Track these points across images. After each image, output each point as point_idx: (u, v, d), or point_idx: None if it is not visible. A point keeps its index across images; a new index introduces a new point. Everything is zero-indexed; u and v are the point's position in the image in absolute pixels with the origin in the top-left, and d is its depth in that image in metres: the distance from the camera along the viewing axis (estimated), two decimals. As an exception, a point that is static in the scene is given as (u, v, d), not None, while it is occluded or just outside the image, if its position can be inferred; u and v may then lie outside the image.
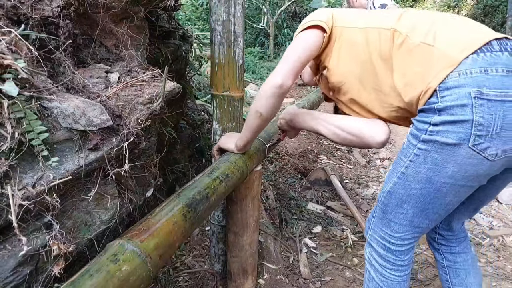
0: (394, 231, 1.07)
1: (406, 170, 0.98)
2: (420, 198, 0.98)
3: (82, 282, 0.59)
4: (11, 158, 0.68)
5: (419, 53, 0.92)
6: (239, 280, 1.54)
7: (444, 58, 0.88)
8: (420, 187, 0.97)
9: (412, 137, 0.96)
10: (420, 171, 0.95)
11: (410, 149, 0.97)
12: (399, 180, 1.01)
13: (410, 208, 1.02)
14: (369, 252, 1.17)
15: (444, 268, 1.33)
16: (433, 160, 0.91)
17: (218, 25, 1.27)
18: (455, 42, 0.89)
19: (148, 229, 0.77)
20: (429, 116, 0.89)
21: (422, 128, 0.92)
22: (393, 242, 1.08)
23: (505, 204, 2.62)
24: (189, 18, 6.87)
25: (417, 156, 0.94)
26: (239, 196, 1.39)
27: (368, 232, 1.18)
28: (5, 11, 0.82)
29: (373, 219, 1.14)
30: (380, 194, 1.12)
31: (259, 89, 1.18)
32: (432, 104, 0.88)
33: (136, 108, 0.96)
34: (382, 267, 1.12)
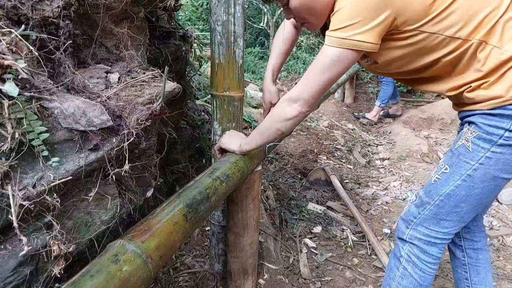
0: (443, 227, 1.12)
1: (474, 172, 1.02)
2: (480, 195, 1.04)
3: (82, 283, 0.59)
4: (12, 158, 0.68)
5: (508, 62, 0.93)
6: (239, 280, 1.54)
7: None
8: (483, 186, 1.02)
9: (483, 142, 0.99)
10: (489, 172, 1.00)
11: (480, 152, 1.00)
12: (464, 183, 1.04)
13: (466, 206, 1.07)
14: (408, 249, 1.18)
15: (465, 266, 1.34)
16: (505, 161, 0.98)
17: (218, 25, 1.27)
18: None
19: (149, 229, 0.77)
20: (503, 121, 0.95)
21: (496, 133, 0.96)
22: (439, 237, 1.13)
23: (505, 204, 2.62)
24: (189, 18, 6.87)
25: (489, 159, 0.99)
26: (239, 196, 1.39)
27: (405, 233, 1.18)
28: (6, 11, 0.82)
29: (416, 220, 1.16)
30: (430, 197, 1.12)
31: (279, 105, 1.08)
32: (510, 110, 0.93)
33: (136, 108, 0.96)
34: (423, 262, 1.15)
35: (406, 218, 1.20)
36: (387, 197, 2.76)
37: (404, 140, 3.89)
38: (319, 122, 4.23)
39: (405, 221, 1.20)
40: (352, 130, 4.27)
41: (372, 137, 4.19)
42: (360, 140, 3.97)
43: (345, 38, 0.89)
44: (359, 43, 0.89)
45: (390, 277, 1.23)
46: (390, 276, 1.23)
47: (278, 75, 1.42)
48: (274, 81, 1.41)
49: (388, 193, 2.83)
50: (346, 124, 4.44)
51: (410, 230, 1.17)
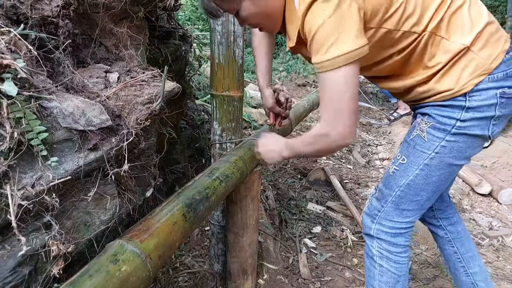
0: (406, 217, 1.15)
1: (430, 161, 1.06)
2: (437, 183, 1.09)
3: (81, 282, 0.59)
4: (10, 158, 0.68)
5: (455, 55, 0.96)
6: (239, 280, 1.54)
7: (480, 65, 0.95)
8: (440, 173, 1.07)
9: (437, 131, 1.03)
10: (445, 159, 1.05)
11: (435, 142, 1.04)
12: (422, 172, 1.08)
13: (425, 194, 1.11)
14: (378, 245, 1.20)
15: (450, 241, 1.43)
16: (459, 149, 1.03)
17: (217, 25, 1.27)
18: (490, 44, 0.95)
19: (148, 229, 0.77)
20: (455, 111, 0.99)
21: (448, 123, 1.01)
22: (403, 227, 1.16)
23: (504, 205, 2.62)
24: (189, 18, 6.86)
25: (444, 147, 1.03)
26: (239, 196, 1.39)
27: (372, 228, 1.20)
28: (5, 10, 0.82)
29: (380, 213, 1.18)
30: (390, 189, 1.15)
31: (318, 134, 0.98)
32: (459, 101, 0.98)
33: (136, 108, 0.96)
34: (394, 254, 1.18)
35: (370, 212, 1.21)
36: (387, 197, 2.76)
37: (404, 140, 3.89)
38: (318, 122, 4.23)
39: (370, 215, 1.22)
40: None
41: (372, 137, 4.19)
42: (359, 140, 3.97)
43: (339, 55, 0.85)
44: (355, 52, 0.85)
45: (370, 277, 1.24)
46: (370, 276, 1.24)
47: (270, 76, 1.39)
48: (268, 84, 1.38)
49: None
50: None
51: (376, 224, 1.19)
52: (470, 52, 0.95)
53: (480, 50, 0.95)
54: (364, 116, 4.81)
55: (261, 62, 1.36)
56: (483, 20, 0.95)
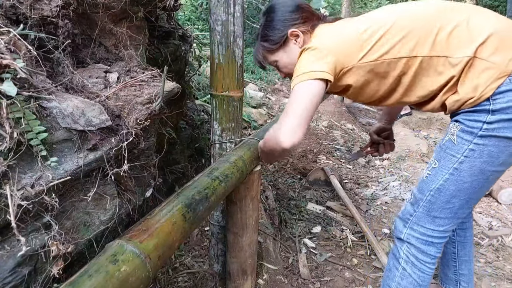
0: (439, 225, 1.13)
1: (460, 165, 1.05)
2: (470, 189, 1.06)
3: (81, 283, 0.59)
4: (10, 158, 0.68)
5: (468, 68, 1.00)
6: (239, 280, 1.54)
7: (495, 70, 0.97)
8: (472, 179, 1.05)
9: (466, 134, 1.03)
10: (475, 164, 1.03)
11: (464, 145, 1.03)
12: (451, 177, 1.07)
13: (458, 202, 1.09)
14: (407, 249, 1.19)
15: (454, 243, 1.44)
16: (489, 153, 1.00)
17: (217, 25, 1.27)
18: (503, 48, 0.97)
19: (147, 229, 0.76)
20: (481, 115, 0.99)
21: (476, 126, 1.01)
22: (436, 236, 1.14)
23: (504, 204, 2.62)
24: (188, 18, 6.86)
25: (473, 151, 1.02)
26: (238, 196, 1.39)
27: (403, 232, 1.20)
28: (4, 10, 0.82)
29: (412, 218, 1.17)
30: (422, 193, 1.15)
31: (269, 132, 1.17)
32: (484, 106, 0.99)
33: (136, 108, 0.96)
34: (421, 263, 1.16)
35: (403, 216, 1.21)
36: (387, 197, 2.76)
37: (404, 140, 3.89)
38: (318, 122, 4.23)
39: (402, 219, 1.21)
40: (352, 130, 4.27)
41: (372, 137, 4.18)
42: (359, 140, 3.97)
43: (303, 73, 1.05)
44: (314, 73, 1.03)
45: (389, 277, 1.24)
46: (389, 276, 1.24)
47: (389, 119, 1.62)
48: (383, 121, 1.62)
49: (387, 193, 2.83)
50: (345, 124, 4.45)
51: (407, 229, 1.18)
52: (478, 60, 0.97)
53: (490, 56, 0.96)
54: (363, 116, 4.81)
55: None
56: (486, 30, 0.97)
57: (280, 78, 6.48)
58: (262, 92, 5.06)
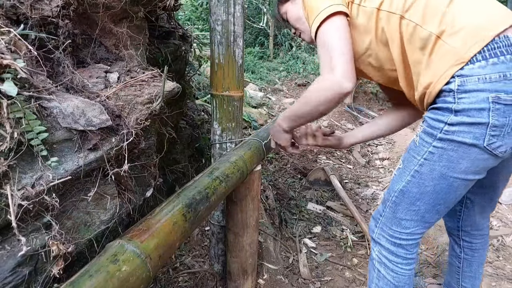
0: (405, 227, 1.09)
1: (420, 168, 1.00)
2: (433, 194, 1.01)
3: (81, 283, 0.59)
4: (10, 158, 0.68)
5: (433, 48, 0.93)
6: (239, 280, 1.54)
7: (453, 54, 0.89)
8: (434, 184, 0.99)
9: (426, 135, 0.98)
10: (435, 168, 0.97)
11: (424, 147, 0.99)
12: (413, 179, 1.03)
13: (423, 205, 1.04)
14: (378, 250, 1.17)
15: (460, 259, 1.40)
16: (449, 158, 0.94)
17: (217, 25, 1.27)
18: (471, 33, 0.88)
19: (148, 229, 0.76)
20: (444, 115, 0.92)
21: (437, 126, 0.94)
22: (403, 238, 1.10)
23: (504, 204, 2.62)
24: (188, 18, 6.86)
25: (432, 154, 0.97)
26: (239, 196, 1.39)
27: (375, 231, 1.18)
28: (5, 10, 0.82)
29: (381, 218, 1.15)
30: (388, 193, 1.12)
31: (313, 88, 1.06)
32: (448, 103, 0.91)
33: (136, 108, 0.96)
34: (393, 264, 1.13)
35: (375, 216, 1.19)
36: (387, 197, 2.75)
37: (404, 140, 3.89)
38: (318, 122, 4.23)
39: (374, 218, 1.19)
40: (352, 130, 4.27)
41: (372, 137, 4.18)
42: (359, 140, 3.97)
43: (317, 15, 0.99)
44: (329, 8, 0.97)
45: (369, 279, 1.23)
46: (370, 278, 1.23)
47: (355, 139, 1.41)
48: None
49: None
50: (345, 124, 4.45)
51: (378, 228, 1.16)
52: (441, 42, 0.91)
53: (450, 38, 0.89)
54: (363, 117, 4.81)
55: (366, 126, 1.41)
56: (462, 11, 0.91)
57: (280, 78, 6.47)
58: (262, 92, 5.06)
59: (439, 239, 2.15)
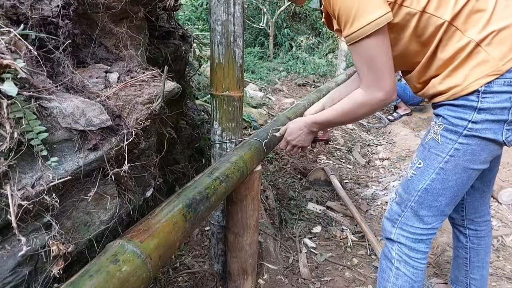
0: (426, 223, 1.13)
1: (445, 165, 1.05)
2: (455, 188, 1.07)
3: (81, 283, 0.59)
4: (10, 158, 0.68)
5: (470, 53, 0.95)
6: (239, 280, 1.54)
7: (490, 64, 0.93)
8: (456, 177, 1.05)
9: (450, 133, 1.02)
10: (459, 163, 1.03)
11: (449, 144, 1.03)
12: (438, 176, 1.06)
13: (444, 200, 1.09)
14: (397, 249, 1.19)
15: (467, 249, 1.43)
16: (472, 152, 1.01)
17: (217, 25, 1.27)
18: (505, 43, 0.91)
19: (148, 229, 0.76)
20: (466, 112, 0.97)
21: (460, 124, 0.99)
22: (425, 233, 1.15)
23: (504, 204, 2.62)
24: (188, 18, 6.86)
25: (458, 150, 1.02)
26: (239, 196, 1.39)
27: (392, 232, 1.19)
28: (5, 10, 0.82)
29: (400, 218, 1.17)
30: (409, 193, 1.14)
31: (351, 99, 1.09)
32: (472, 101, 0.96)
33: (136, 108, 0.96)
34: (413, 260, 1.17)
35: (391, 217, 1.21)
36: (387, 197, 2.76)
37: (404, 140, 3.89)
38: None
39: (390, 220, 1.21)
40: (352, 130, 4.27)
41: (372, 137, 4.19)
42: (359, 140, 3.97)
43: (365, 25, 0.91)
44: (379, 20, 0.91)
45: (384, 278, 1.24)
46: (384, 277, 1.24)
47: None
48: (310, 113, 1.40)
49: (387, 193, 2.83)
50: (345, 124, 4.44)
51: (396, 229, 1.18)
52: (480, 49, 0.93)
53: (492, 49, 0.92)
54: (364, 116, 4.80)
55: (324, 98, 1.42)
56: (507, 21, 0.92)
57: (280, 78, 6.47)
58: (262, 92, 5.07)
59: (439, 239, 2.15)
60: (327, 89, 3.32)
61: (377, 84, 1.00)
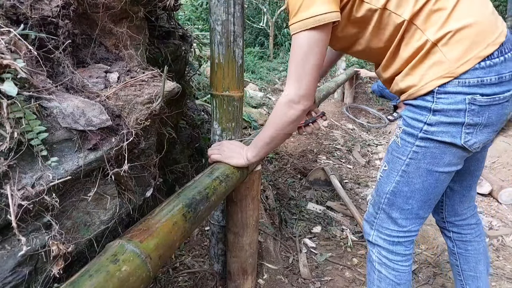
0: (401, 226, 1.12)
1: (407, 167, 1.03)
2: (423, 191, 1.04)
3: (81, 283, 0.59)
4: (10, 158, 0.68)
5: (427, 54, 0.93)
6: (239, 280, 1.54)
7: (445, 65, 0.91)
8: (422, 180, 1.03)
9: (407, 136, 1.01)
10: (421, 166, 1.01)
11: (407, 147, 1.01)
12: (402, 178, 1.05)
13: (415, 203, 1.07)
14: (377, 252, 1.18)
15: (455, 254, 1.40)
16: (432, 155, 0.98)
17: (217, 25, 1.27)
18: (461, 44, 0.89)
19: (148, 229, 0.77)
20: (422, 114, 0.96)
21: (416, 126, 0.98)
22: (401, 236, 1.13)
23: (504, 204, 2.62)
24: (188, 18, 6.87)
25: (417, 153, 1.00)
26: (239, 196, 1.39)
27: (371, 234, 1.19)
28: (4, 10, 0.82)
29: (376, 220, 1.16)
30: (379, 196, 1.14)
31: (279, 111, 1.06)
32: (427, 102, 0.95)
33: (136, 108, 0.96)
34: (393, 262, 1.15)
35: (368, 219, 1.21)
36: (387, 197, 2.75)
37: (404, 140, 3.89)
38: (318, 122, 4.23)
39: (368, 222, 1.21)
40: (352, 130, 4.27)
41: (372, 137, 4.19)
42: (359, 140, 3.97)
43: (307, 18, 0.90)
44: (322, 16, 0.89)
45: (370, 281, 1.24)
46: (370, 280, 1.24)
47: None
48: None
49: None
50: (345, 124, 4.45)
51: (374, 231, 1.18)
52: (437, 49, 0.91)
53: (448, 49, 0.90)
54: (364, 116, 4.81)
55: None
56: (466, 20, 0.88)
57: (280, 78, 6.48)
58: (262, 92, 5.07)
59: (439, 239, 2.15)
60: (327, 89, 3.32)
61: (298, 83, 0.97)
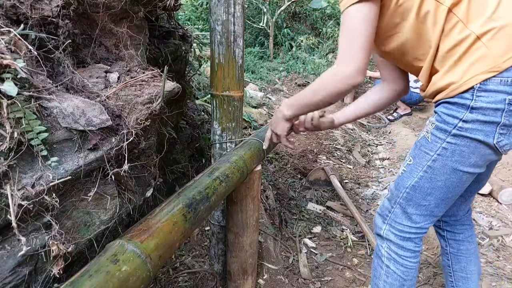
0: (415, 222, 1.12)
1: (433, 163, 1.03)
2: (444, 189, 1.05)
3: (81, 283, 0.59)
4: (10, 158, 0.68)
5: (470, 47, 0.92)
6: (239, 280, 1.54)
7: (490, 60, 0.89)
8: (445, 178, 1.03)
9: (440, 131, 1.00)
10: (447, 163, 1.01)
11: (437, 143, 1.01)
12: (425, 174, 1.05)
13: (433, 200, 1.07)
14: (387, 246, 1.18)
15: (447, 254, 1.41)
16: (461, 153, 0.98)
17: (218, 25, 1.27)
18: (506, 41, 0.88)
19: (148, 229, 0.76)
20: (459, 111, 0.95)
21: (451, 122, 0.97)
22: (413, 232, 1.14)
23: (504, 204, 2.62)
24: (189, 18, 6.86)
25: (446, 149, 1.00)
26: (239, 196, 1.39)
27: (382, 228, 1.19)
28: (5, 10, 0.82)
29: (390, 215, 1.17)
30: (398, 190, 1.13)
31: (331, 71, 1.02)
32: (466, 99, 0.93)
33: (136, 108, 0.96)
34: (403, 258, 1.16)
35: (382, 213, 1.21)
36: (387, 197, 2.75)
37: (404, 140, 3.89)
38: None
39: (381, 216, 1.21)
40: (352, 130, 4.27)
41: (372, 137, 4.18)
42: (359, 140, 3.97)
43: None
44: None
45: (376, 276, 1.24)
46: (376, 275, 1.24)
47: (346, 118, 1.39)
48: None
49: (388, 193, 2.83)
50: (345, 124, 4.44)
51: (386, 225, 1.18)
52: (480, 44, 0.90)
53: (492, 44, 0.89)
54: (364, 116, 4.80)
55: (353, 105, 1.38)
56: (508, 19, 0.88)
57: (280, 78, 6.47)
58: (262, 92, 5.07)
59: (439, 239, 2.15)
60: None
61: (350, 58, 0.96)
